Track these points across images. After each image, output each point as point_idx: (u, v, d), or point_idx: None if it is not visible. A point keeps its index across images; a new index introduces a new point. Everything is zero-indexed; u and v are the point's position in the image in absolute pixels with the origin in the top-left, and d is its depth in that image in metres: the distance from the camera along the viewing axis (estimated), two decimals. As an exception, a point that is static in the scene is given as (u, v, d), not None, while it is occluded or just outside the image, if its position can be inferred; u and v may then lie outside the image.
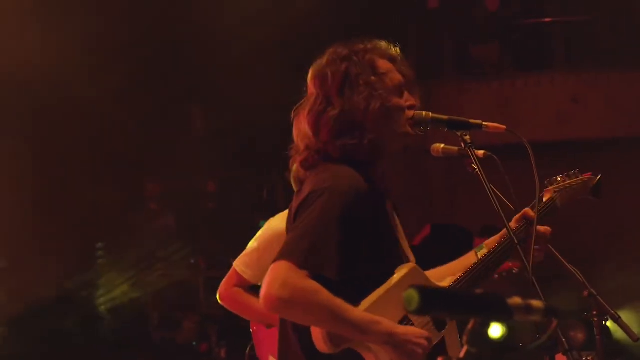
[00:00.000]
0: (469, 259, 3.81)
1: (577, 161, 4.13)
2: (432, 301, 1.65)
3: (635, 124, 12.54)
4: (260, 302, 3.27)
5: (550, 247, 4.12)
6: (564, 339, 3.13)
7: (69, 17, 10.18)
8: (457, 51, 14.25)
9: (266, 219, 5.28)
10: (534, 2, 14.21)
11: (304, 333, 3.36)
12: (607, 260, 10.69)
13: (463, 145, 3.47)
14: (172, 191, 11.88)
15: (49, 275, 10.70)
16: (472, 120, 3.47)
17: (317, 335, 3.31)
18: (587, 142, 12.18)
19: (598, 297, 4.11)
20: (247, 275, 5.15)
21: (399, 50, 3.60)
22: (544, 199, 3.92)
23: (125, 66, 10.66)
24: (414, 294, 1.67)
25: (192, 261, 11.24)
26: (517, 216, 3.76)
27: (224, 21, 11.09)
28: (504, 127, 3.47)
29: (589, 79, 13.08)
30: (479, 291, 1.74)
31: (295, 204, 3.46)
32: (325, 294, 3.19)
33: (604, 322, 4.61)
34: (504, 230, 3.68)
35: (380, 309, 3.30)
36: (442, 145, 4.03)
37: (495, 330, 9.79)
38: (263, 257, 4.99)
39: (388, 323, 3.26)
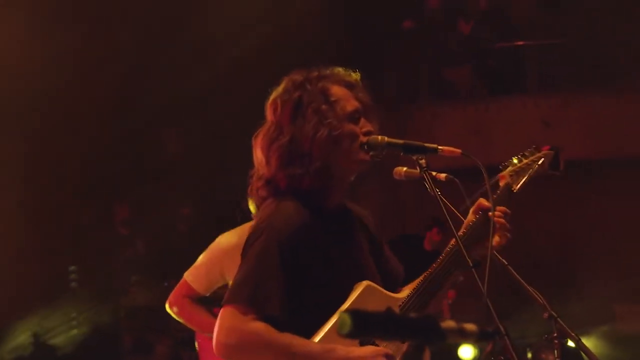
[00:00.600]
0: None
1: (551, 183, 4.04)
2: (364, 325, 1.67)
3: (607, 146, 12.65)
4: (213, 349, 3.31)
5: (511, 269, 4.10)
6: (518, 362, 3.14)
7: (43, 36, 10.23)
8: (431, 75, 14.35)
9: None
10: (506, 25, 14.32)
11: None
12: (576, 282, 10.74)
13: (418, 169, 3.48)
14: (145, 215, 11.82)
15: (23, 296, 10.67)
16: (427, 145, 3.47)
17: None
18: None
19: (558, 319, 4.09)
20: (196, 286, 5.45)
21: (358, 77, 3.61)
22: (500, 185, 3.80)
23: (101, 85, 10.72)
24: (346, 318, 1.70)
25: (166, 284, 11.18)
26: (472, 208, 3.68)
27: (204, 39, 11.16)
28: (460, 151, 3.47)
29: (561, 102, 13.19)
30: (413, 314, 1.77)
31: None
32: (271, 334, 3.23)
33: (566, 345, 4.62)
34: (466, 222, 3.66)
35: (338, 334, 3.29)
36: (405, 169, 4.03)
37: (466, 352, 9.80)
38: (211, 272, 5.40)
39: (342, 349, 3.26)
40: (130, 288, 11.45)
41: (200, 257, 5.47)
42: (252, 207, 3.59)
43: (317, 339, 3.30)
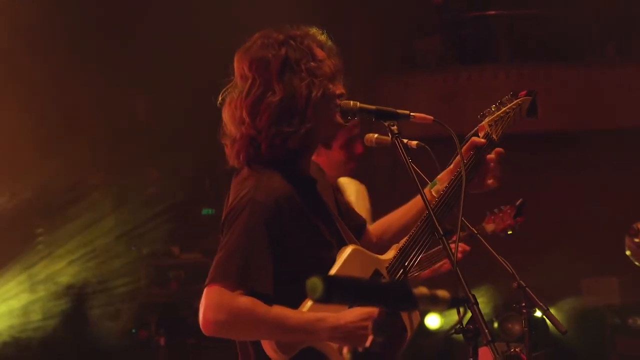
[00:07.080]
0: (417, 203, 3.79)
1: (518, 155, 4.00)
2: (335, 290, 1.65)
3: (576, 118, 12.70)
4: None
5: (481, 238, 4.11)
6: (486, 330, 3.11)
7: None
8: (401, 44, 14.28)
9: (210, 207, 5.34)
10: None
11: (258, 344, 3.34)
12: (550, 253, 10.78)
13: (390, 136, 3.45)
14: (115, 181, 11.68)
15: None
16: (399, 111, 3.45)
17: (267, 347, 3.28)
18: (529, 136, 12.29)
19: (527, 288, 4.10)
20: None
21: (327, 38, 3.54)
22: (480, 136, 3.81)
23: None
24: (317, 283, 1.68)
25: (133, 248, 11.13)
26: (465, 146, 3.71)
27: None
28: (431, 117, 3.46)
29: (531, 73, 13.19)
30: (384, 280, 1.75)
31: (224, 214, 3.41)
32: (261, 308, 3.17)
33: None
34: (457, 161, 3.70)
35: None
36: (376, 135, 4.03)
37: (433, 321, 9.83)
38: None
39: (332, 317, 3.21)
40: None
41: None
42: None
43: (305, 308, 3.25)
